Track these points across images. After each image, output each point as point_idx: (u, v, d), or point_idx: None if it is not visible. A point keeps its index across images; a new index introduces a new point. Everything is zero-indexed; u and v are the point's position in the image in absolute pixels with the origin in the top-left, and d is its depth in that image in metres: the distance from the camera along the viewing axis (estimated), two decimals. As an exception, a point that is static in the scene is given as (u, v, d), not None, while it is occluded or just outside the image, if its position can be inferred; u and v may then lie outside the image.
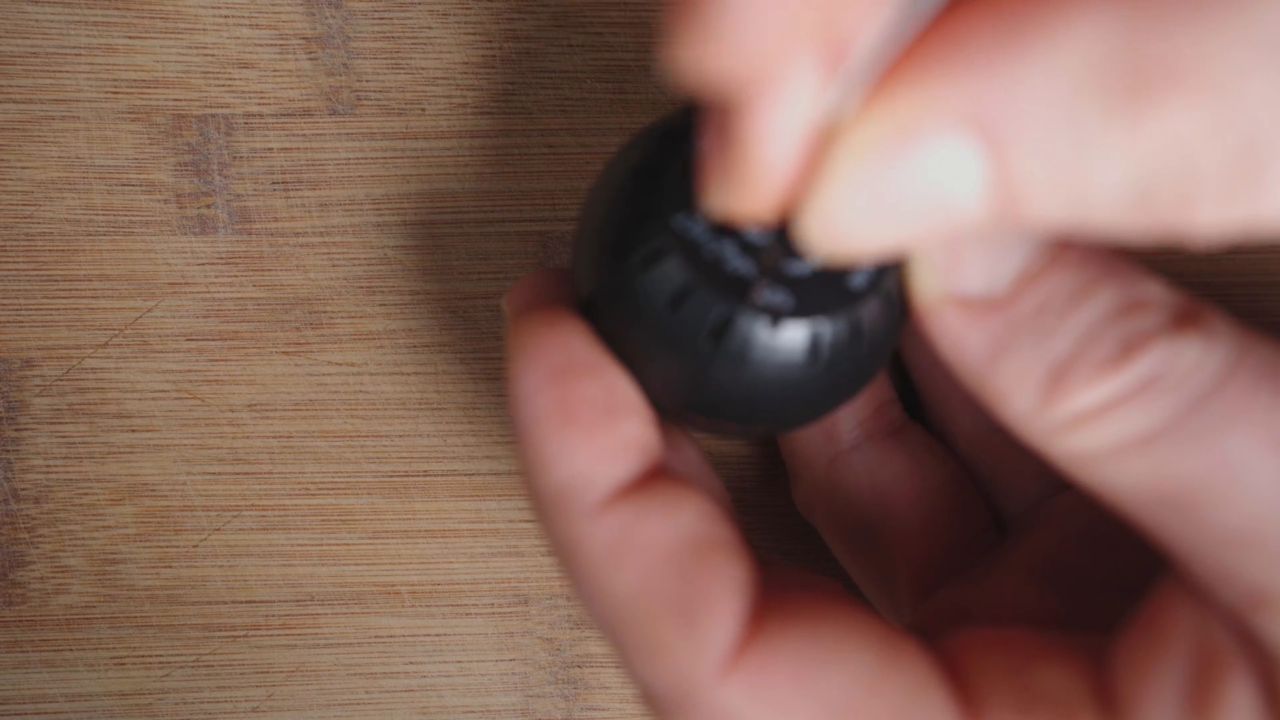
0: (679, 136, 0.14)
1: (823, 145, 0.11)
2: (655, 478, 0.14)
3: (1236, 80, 0.09)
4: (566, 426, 0.14)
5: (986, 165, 0.10)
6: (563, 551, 0.14)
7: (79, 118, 0.21)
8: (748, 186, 0.11)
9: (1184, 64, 0.09)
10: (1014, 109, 0.10)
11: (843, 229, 0.11)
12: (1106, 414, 0.13)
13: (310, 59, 0.21)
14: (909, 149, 0.10)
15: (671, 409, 0.15)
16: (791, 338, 0.14)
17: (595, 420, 0.14)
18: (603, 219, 0.14)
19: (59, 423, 0.22)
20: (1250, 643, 0.13)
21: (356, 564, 0.22)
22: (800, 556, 0.22)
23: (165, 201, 0.21)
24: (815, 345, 0.14)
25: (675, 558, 0.14)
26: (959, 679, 0.15)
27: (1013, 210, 0.11)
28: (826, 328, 0.14)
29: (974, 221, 0.11)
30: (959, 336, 0.14)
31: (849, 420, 0.20)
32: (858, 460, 0.20)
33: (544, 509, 0.14)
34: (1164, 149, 0.10)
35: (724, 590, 0.14)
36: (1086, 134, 0.10)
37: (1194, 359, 0.13)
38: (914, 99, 0.10)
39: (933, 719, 0.14)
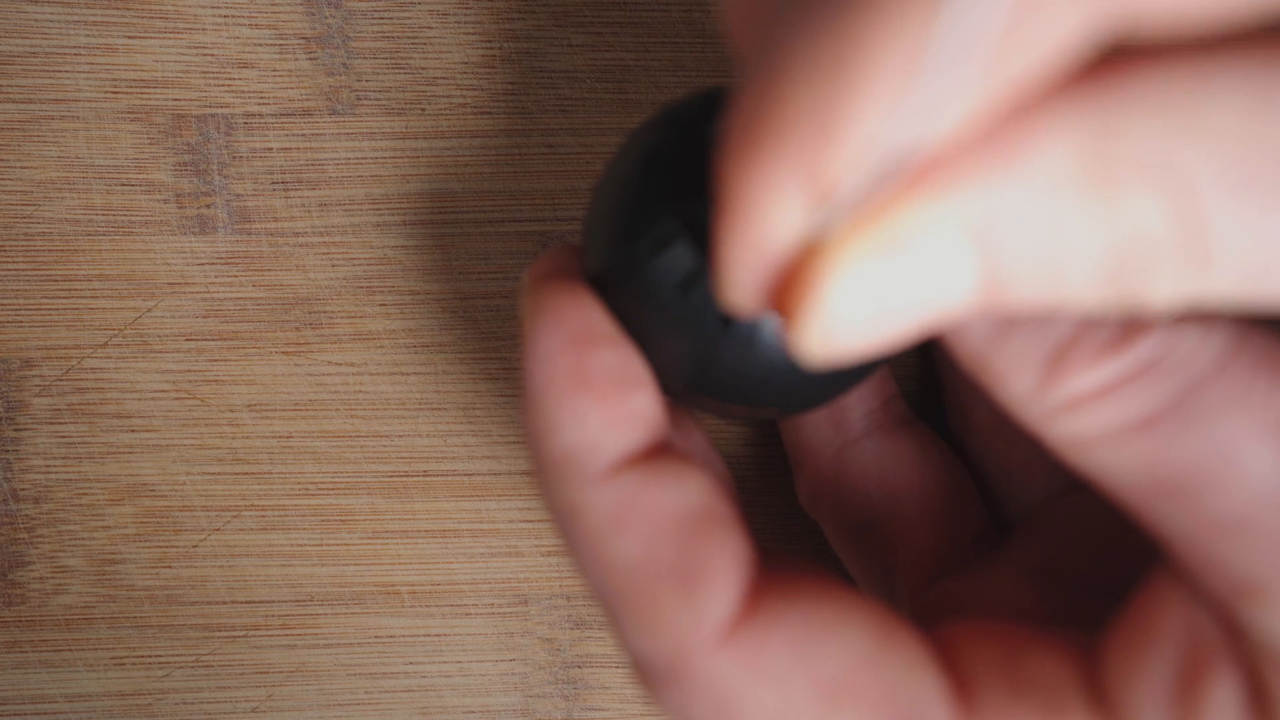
0: (692, 122, 0.14)
1: (807, 258, 0.11)
2: (661, 452, 0.15)
3: (1188, 170, 0.11)
4: (581, 391, 0.14)
5: (976, 265, 0.11)
6: (565, 517, 0.14)
7: (78, 117, 0.21)
8: (735, 286, 0.12)
9: (1145, 159, 0.11)
10: (1002, 214, 0.11)
11: (841, 337, 0.12)
12: (1104, 397, 0.13)
13: (310, 59, 0.21)
14: (903, 260, 0.11)
15: (678, 390, 0.15)
16: None
17: (609, 388, 0.14)
18: (615, 201, 0.15)
19: (58, 423, 0.22)
20: (1236, 635, 0.13)
21: (356, 564, 0.22)
22: (800, 554, 0.22)
23: (165, 201, 0.21)
24: None
25: (678, 526, 0.14)
26: (952, 665, 0.15)
27: (997, 299, 0.12)
28: None
29: (960, 313, 0.12)
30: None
31: (859, 409, 0.20)
32: (867, 448, 0.20)
33: (549, 473, 0.14)
34: (1132, 230, 0.11)
35: (724, 561, 0.14)
36: (1066, 224, 0.11)
37: (1192, 344, 0.13)
38: (907, 214, 0.11)
39: (925, 700, 0.14)
